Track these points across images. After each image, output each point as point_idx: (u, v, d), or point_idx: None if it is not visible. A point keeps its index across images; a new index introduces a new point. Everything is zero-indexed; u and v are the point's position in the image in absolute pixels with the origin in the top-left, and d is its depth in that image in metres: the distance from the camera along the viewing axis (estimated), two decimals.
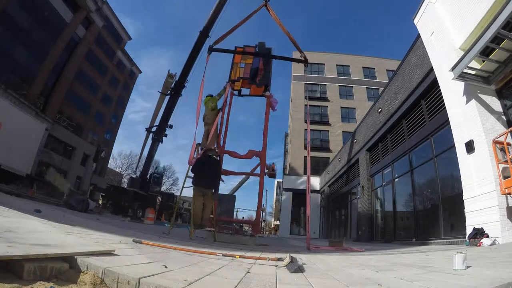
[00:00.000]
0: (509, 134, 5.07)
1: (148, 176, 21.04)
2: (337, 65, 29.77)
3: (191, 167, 6.04)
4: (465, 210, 5.75)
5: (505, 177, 4.98)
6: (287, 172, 26.58)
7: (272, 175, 9.24)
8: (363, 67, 29.47)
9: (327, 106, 27.72)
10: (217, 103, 6.98)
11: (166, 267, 1.80)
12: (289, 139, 33.52)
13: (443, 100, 7.04)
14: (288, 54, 14.65)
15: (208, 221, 6.06)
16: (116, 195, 18.68)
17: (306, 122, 26.74)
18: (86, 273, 1.52)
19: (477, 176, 5.54)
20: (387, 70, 28.29)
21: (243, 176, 14.14)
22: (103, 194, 21.08)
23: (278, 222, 35.93)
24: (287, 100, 42.93)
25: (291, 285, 1.73)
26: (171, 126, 13.67)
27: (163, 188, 36.61)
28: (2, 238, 1.72)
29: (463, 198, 5.86)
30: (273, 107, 7.62)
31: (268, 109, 7.62)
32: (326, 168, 22.54)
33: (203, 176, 5.72)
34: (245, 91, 8.25)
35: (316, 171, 25.34)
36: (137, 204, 17.94)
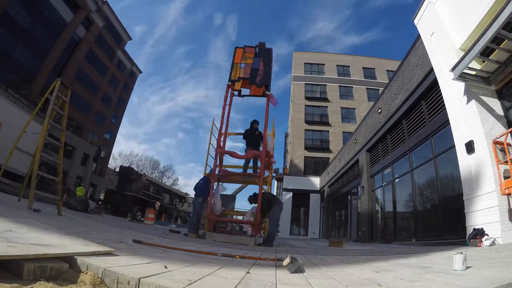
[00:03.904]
0: (509, 134, 5.07)
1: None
2: (337, 65, 29.79)
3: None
4: (465, 211, 5.76)
5: (505, 178, 4.99)
6: (287, 173, 26.58)
7: (280, 179, 9.40)
8: (363, 68, 29.49)
9: (327, 107, 27.74)
10: None
11: (166, 267, 1.80)
12: (289, 139, 33.52)
13: (443, 101, 7.05)
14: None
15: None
16: (115, 199, 18.69)
17: (306, 122, 26.90)
18: (86, 273, 1.52)
19: (477, 177, 5.54)
20: (387, 70, 28.31)
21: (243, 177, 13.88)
22: (102, 198, 21.09)
23: None
24: (287, 100, 42.92)
25: (291, 286, 1.73)
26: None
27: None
28: (2, 238, 1.72)
29: (463, 199, 5.86)
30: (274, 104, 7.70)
31: (268, 109, 7.62)
32: (326, 169, 22.55)
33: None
34: (245, 91, 8.25)
35: (316, 172, 25.35)
36: (136, 207, 18.01)
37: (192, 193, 8.73)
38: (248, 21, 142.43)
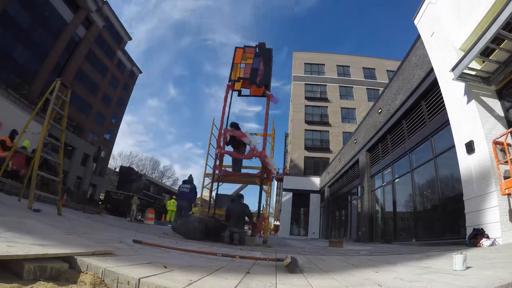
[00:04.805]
0: (509, 134, 5.07)
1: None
2: (337, 65, 29.76)
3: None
4: (465, 211, 5.75)
5: (505, 178, 4.98)
6: (287, 173, 26.57)
7: (280, 179, 9.45)
8: (363, 68, 29.47)
9: (327, 107, 27.72)
10: None
11: (166, 267, 1.80)
12: (289, 139, 33.51)
13: (443, 101, 7.04)
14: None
15: None
16: (114, 200, 18.72)
17: (306, 122, 26.89)
18: (86, 273, 1.52)
19: (477, 177, 5.54)
20: (387, 70, 28.28)
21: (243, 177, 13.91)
22: (102, 199, 21.11)
23: (278, 223, 35.96)
24: (288, 100, 42.95)
25: (291, 286, 1.73)
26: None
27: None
28: (2, 238, 1.72)
29: (463, 199, 5.86)
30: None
31: (268, 109, 7.64)
32: (326, 169, 22.54)
33: None
34: (245, 91, 8.25)
35: (316, 172, 25.34)
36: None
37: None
38: None
